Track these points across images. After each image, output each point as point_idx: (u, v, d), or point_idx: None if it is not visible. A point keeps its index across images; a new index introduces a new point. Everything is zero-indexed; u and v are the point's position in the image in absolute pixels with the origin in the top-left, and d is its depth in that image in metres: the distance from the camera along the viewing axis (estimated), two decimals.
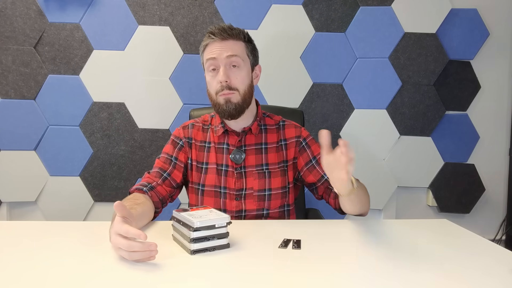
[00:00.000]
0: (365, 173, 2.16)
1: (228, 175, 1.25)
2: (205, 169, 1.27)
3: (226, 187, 1.24)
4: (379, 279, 0.75)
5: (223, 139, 1.28)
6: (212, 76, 1.22)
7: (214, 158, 1.26)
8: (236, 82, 1.20)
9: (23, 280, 0.74)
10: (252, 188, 1.24)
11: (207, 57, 1.22)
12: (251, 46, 1.26)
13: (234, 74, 1.20)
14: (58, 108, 2.08)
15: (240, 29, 1.24)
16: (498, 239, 2.23)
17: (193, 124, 1.33)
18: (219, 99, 1.21)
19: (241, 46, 1.23)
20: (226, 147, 1.27)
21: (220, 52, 1.19)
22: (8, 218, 2.11)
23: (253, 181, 1.24)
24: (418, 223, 1.17)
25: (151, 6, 2.08)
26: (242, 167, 1.25)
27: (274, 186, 1.25)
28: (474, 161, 2.20)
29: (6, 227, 1.07)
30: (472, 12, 2.13)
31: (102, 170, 2.12)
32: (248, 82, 1.24)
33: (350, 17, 2.12)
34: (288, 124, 1.33)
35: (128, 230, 0.80)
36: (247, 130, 1.27)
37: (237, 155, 1.25)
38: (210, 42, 1.21)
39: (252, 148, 1.27)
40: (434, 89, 2.16)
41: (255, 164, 1.26)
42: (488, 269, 0.81)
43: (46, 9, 2.04)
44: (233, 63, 1.20)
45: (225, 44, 1.20)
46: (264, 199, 1.24)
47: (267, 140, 1.29)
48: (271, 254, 0.88)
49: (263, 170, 1.26)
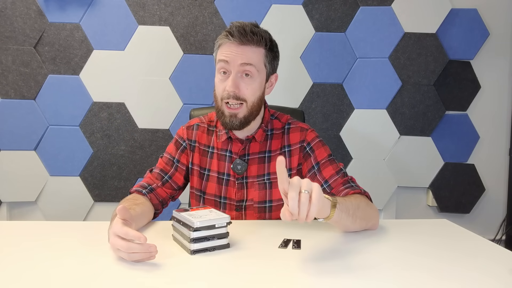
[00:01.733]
0: (365, 173, 2.16)
1: (230, 184, 1.20)
2: (207, 175, 1.22)
3: (227, 197, 1.20)
4: (379, 279, 0.75)
5: (226, 145, 1.21)
6: (221, 80, 1.12)
7: (216, 165, 1.21)
8: (245, 93, 1.10)
9: (23, 280, 0.74)
10: (253, 200, 1.19)
11: (220, 57, 1.11)
12: (272, 54, 1.15)
13: (245, 84, 1.10)
14: (58, 108, 2.08)
15: (263, 33, 1.12)
16: (498, 239, 2.23)
17: (198, 125, 1.25)
18: (223, 108, 1.12)
19: (259, 54, 1.11)
20: (229, 155, 1.21)
21: (234, 57, 1.08)
22: (8, 218, 2.11)
23: (254, 192, 1.19)
24: (418, 223, 1.17)
25: (151, 6, 2.08)
26: (243, 177, 1.20)
27: (275, 198, 1.19)
28: (474, 161, 2.20)
29: (6, 227, 1.07)
30: (472, 12, 2.13)
31: (102, 170, 2.12)
32: (259, 94, 1.14)
33: (350, 17, 2.12)
34: (294, 127, 1.23)
35: (127, 232, 0.80)
36: (251, 138, 1.20)
37: (238, 166, 1.18)
38: (226, 42, 1.10)
39: (255, 157, 1.20)
40: (434, 89, 2.16)
41: (257, 175, 1.20)
42: (488, 269, 0.81)
43: (46, 9, 2.04)
44: (246, 72, 1.10)
45: (242, 50, 1.09)
46: (264, 210, 1.20)
47: (271, 147, 1.21)
48: (271, 254, 0.88)
49: (264, 180, 1.20)
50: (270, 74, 1.18)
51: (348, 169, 2.16)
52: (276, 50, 1.17)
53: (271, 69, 1.17)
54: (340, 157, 2.14)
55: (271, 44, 1.14)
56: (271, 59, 1.15)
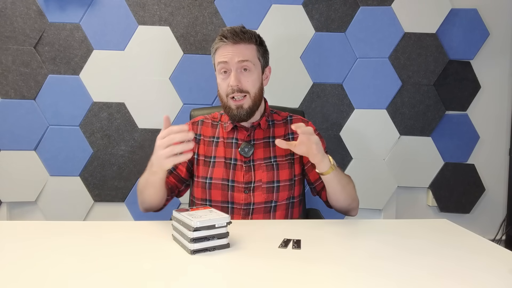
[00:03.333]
0: (365, 173, 2.16)
1: (237, 168, 1.28)
2: (212, 162, 1.30)
3: (235, 180, 1.27)
4: (379, 279, 0.75)
5: (232, 134, 1.32)
6: (223, 79, 1.25)
7: (223, 152, 1.30)
8: (247, 85, 1.24)
9: (23, 280, 0.74)
10: (261, 180, 1.27)
11: (218, 60, 1.25)
12: (262, 49, 1.30)
13: (245, 77, 1.24)
14: (58, 108, 2.08)
15: (252, 32, 1.27)
16: (498, 239, 2.23)
17: (203, 121, 1.37)
18: (230, 103, 1.25)
19: (252, 49, 1.26)
20: (235, 142, 1.31)
21: (231, 56, 1.22)
22: (8, 218, 2.11)
23: (261, 174, 1.28)
24: (418, 223, 1.17)
25: (151, 6, 2.08)
26: (251, 160, 1.29)
27: (282, 178, 1.29)
28: (474, 161, 2.20)
29: (6, 227, 1.07)
30: (472, 12, 2.13)
31: (102, 170, 2.12)
32: (258, 84, 1.28)
33: (350, 17, 2.12)
34: (296, 118, 1.39)
35: (170, 129, 1.03)
36: (256, 125, 1.32)
37: (246, 148, 1.29)
38: (221, 45, 1.24)
39: (261, 142, 1.32)
40: (434, 89, 2.16)
41: (264, 157, 1.30)
42: (488, 269, 0.81)
43: (46, 9, 2.04)
44: (244, 67, 1.24)
45: (237, 48, 1.23)
46: (272, 191, 1.27)
47: (275, 134, 1.34)
48: (271, 254, 0.88)
49: (271, 162, 1.30)
50: (264, 67, 1.32)
51: (348, 169, 2.16)
52: (265, 45, 1.32)
53: (264, 62, 1.31)
54: (340, 157, 2.14)
55: (260, 40, 1.30)
56: (262, 52, 1.30)
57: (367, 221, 1.17)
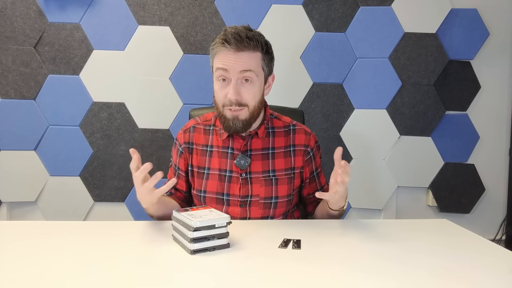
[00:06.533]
0: (365, 173, 2.16)
1: (232, 181, 1.19)
2: (206, 174, 1.22)
3: (230, 193, 1.20)
4: (379, 279, 0.75)
5: (228, 143, 1.21)
6: (221, 87, 1.12)
7: (217, 163, 1.21)
8: (247, 98, 1.11)
9: (23, 280, 0.74)
10: (259, 196, 1.19)
11: (217, 65, 1.11)
12: (268, 57, 1.16)
13: (246, 89, 1.11)
14: (58, 108, 2.08)
15: (258, 37, 1.12)
16: (498, 239, 2.23)
17: (195, 127, 1.26)
18: (225, 112, 1.13)
19: (257, 58, 1.11)
20: (231, 152, 1.20)
21: (233, 64, 1.08)
22: (8, 218, 2.11)
23: (259, 188, 1.19)
24: (418, 223, 1.17)
25: (151, 6, 2.08)
26: (247, 172, 1.19)
27: (280, 194, 1.21)
28: (474, 161, 2.20)
29: (6, 227, 1.07)
30: (472, 12, 2.13)
31: (102, 170, 2.12)
32: (259, 97, 1.15)
33: (350, 17, 2.12)
34: (299, 129, 1.26)
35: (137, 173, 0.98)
36: (253, 134, 1.20)
37: (242, 161, 1.18)
38: (222, 50, 1.09)
39: (259, 154, 1.21)
40: (434, 89, 2.16)
41: (262, 171, 1.20)
42: (488, 269, 0.81)
43: (46, 9, 2.04)
44: (246, 78, 1.11)
45: (240, 56, 1.08)
46: (270, 206, 1.20)
47: (275, 144, 1.22)
48: (271, 254, 0.88)
49: (270, 177, 1.20)
50: (268, 76, 1.19)
51: None
52: (271, 52, 1.18)
53: (268, 71, 1.18)
54: None
55: (267, 47, 1.15)
56: (268, 61, 1.16)
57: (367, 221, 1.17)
